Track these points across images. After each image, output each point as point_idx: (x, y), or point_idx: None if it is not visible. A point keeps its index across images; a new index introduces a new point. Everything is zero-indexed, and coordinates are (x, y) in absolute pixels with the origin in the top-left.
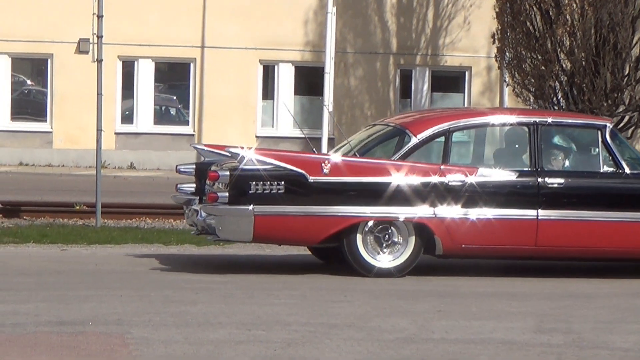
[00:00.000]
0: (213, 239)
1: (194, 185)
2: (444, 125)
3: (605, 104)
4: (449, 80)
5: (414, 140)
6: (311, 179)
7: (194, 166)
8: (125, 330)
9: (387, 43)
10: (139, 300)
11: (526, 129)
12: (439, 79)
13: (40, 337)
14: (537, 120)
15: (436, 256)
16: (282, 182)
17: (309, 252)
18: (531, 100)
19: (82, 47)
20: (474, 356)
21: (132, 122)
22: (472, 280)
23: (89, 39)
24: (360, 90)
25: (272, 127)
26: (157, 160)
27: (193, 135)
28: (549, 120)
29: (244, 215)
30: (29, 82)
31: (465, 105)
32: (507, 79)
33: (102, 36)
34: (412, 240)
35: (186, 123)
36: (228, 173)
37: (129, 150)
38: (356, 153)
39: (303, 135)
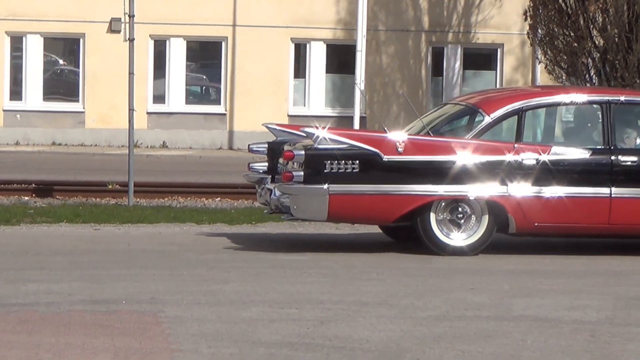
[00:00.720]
0: (287, 217)
1: (266, 164)
2: (516, 104)
3: (638, 81)
4: (481, 58)
5: (487, 119)
6: (386, 158)
7: (266, 145)
8: (159, 309)
9: (419, 20)
10: (171, 279)
11: (598, 107)
12: (471, 57)
13: (73, 316)
14: (610, 98)
15: (509, 234)
16: (357, 161)
17: (340, 231)
18: (563, 77)
19: (114, 26)
20: (507, 333)
21: (164, 102)
22: (504, 258)
23: (120, 18)
24: (392, 68)
25: (304, 105)
26: (189, 139)
27: (225, 114)
28: (622, 98)
29: (319, 195)
30: (61, 62)
31: (498, 83)
32: (539, 56)
33: (133, 15)
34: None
35: (218, 102)
36: (303, 152)
37: (161, 129)
38: (429, 132)
39: (335, 114)
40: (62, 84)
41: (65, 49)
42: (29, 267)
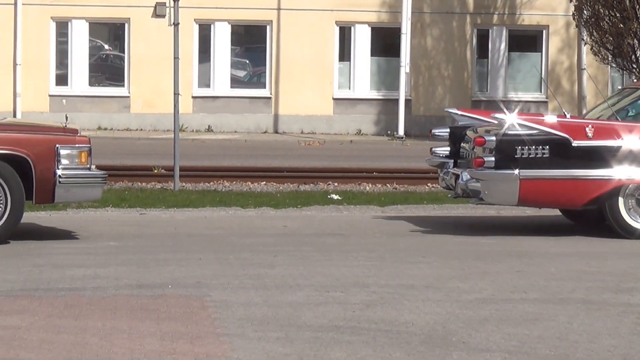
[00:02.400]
0: (476, 202)
1: (448, 148)
2: None
3: None
4: (526, 40)
5: None
6: (575, 143)
7: (448, 130)
8: (205, 293)
9: (464, 2)
10: (217, 263)
11: None
12: (516, 38)
13: (120, 301)
14: None
15: None
16: (547, 147)
17: (386, 213)
18: (609, 58)
19: (158, 10)
20: (553, 316)
21: (209, 86)
22: (550, 240)
23: (165, 2)
24: (437, 50)
25: (349, 88)
26: (234, 123)
27: (270, 98)
28: None
29: (510, 180)
30: (106, 47)
31: (543, 65)
32: (585, 38)
33: (178, 0)
34: None
35: (263, 86)
36: (494, 138)
37: (206, 113)
38: (617, 117)
39: (380, 97)
40: (108, 68)
41: (110, 34)
42: (75, 252)
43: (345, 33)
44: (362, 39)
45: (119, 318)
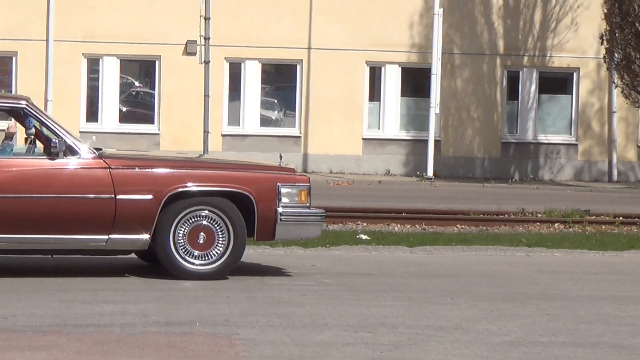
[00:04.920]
0: None
1: None
2: None
3: None
4: (557, 82)
5: None
6: None
7: None
8: (233, 331)
9: (494, 44)
10: (246, 301)
11: None
12: (547, 80)
13: (148, 338)
14: None
15: None
16: None
17: (409, 253)
18: None
19: (189, 48)
20: None
21: (238, 124)
22: (579, 283)
23: (196, 40)
24: (467, 91)
25: (378, 129)
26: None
27: (299, 137)
28: None
29: None
30: (136, 83)
31: (574, 107)
32: (615, 80)
33: (209, 38)
34: None
35: (292, 125)
36: None
37: (236, 151)
38: None
39: (409, 137)
40: (138, 105)
41: (140, 71)
42: (104, 288)
43: (375, 73)
44: (392, 79)
45: (147, 355)
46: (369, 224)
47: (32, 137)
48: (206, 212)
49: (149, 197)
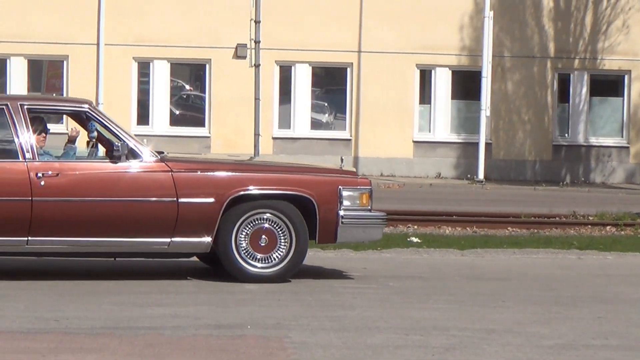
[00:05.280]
0: None
1: None
2: None
3: None
4: (608, 84)
5: None
6: None
7: None
8: (284, 334)
9: (544, 47)
10: (297, 304)
11: None
12: (598, 83)
13: (199, 340)
14: None
15: None
16: None
17: (460, 255)
18: None
19: (239, 52)
20: None
21: (289, 127)
22: (632, 286)
23: (246, 44)
24: (518, 94)
25: (429, 131)
26: None
27: (350, 140)
28: None
29: None
30: (187, 87)
31: (625, 110)
32: None
33: (259, 41)
34: None
35: (343, 128)
36: None
37: (287, 154)
38: None
39: (460, 140)
40: (188, 108)
41: (191, 75)
42: (155, 291)
43: (425, 76)
44: (442, 82)
45: (198, 358)
46: (419, 227)
47: (94, 140)
48: (268, 215)
49: (211, 200)
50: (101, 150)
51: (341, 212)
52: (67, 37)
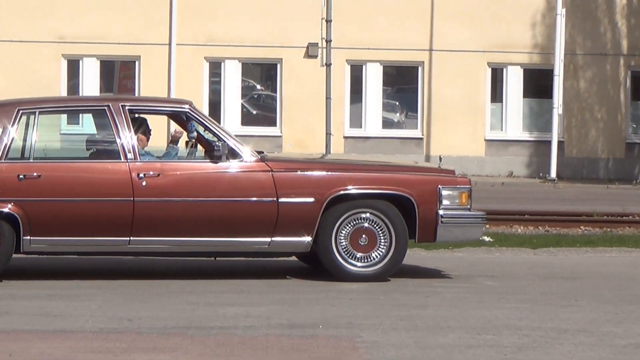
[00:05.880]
0: None
1: None
2: None
3: None
4: None
5: None
6: None
7: None
8: (355, 334)
9: (617, 44)
10: (369, 303)
11: None
12: None
13: (271, 340)
14: None
15: None
16: None
17: (532, 255)
18: None
19: (311, 51)
20: None
21: (360, 126)
22: None
23: (317, 43)
24: (590, 92)
25: (501, 130)
26: None
27: (421, 138)
28: None
29: None
30: (258, 86)
31: None
32: None
33: (330, 40)
34: None
35: (414, 126)
36: None
37: (358, 153)
38: None
39: (532, 139)
40: (260, 108)
41: (262, 74)
42: (227, 290)
43: (497, 74)
44: (514, 81)
45: (270, 358)
46: (492, 226)
47: (194, 140)
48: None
49: (311, 200)
50: (199, 150)
51: (441, 212)
52: (139, 38)
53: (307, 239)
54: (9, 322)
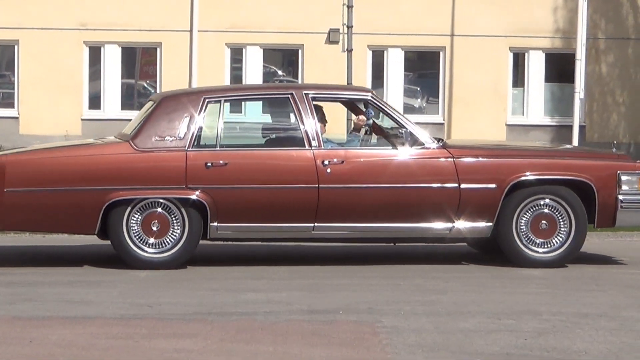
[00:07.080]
0: None
1: None
2: None
3: None
4: None
5: None
6: None
7: None
8: (376, 319)
9: (639, 28)
10: (389, 289)
11: None
12: None
13: (292, 325)
14: None
15: None
16: None
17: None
18: None
19: (332, 37)
20: None
21: None
22: None
23: (339, 29)
24: (612, 77)
25: (523, 115)
26: None
27: (442, 124)
28: None
29: None
30: (280, 72)
31: None
32: None
33: (352, 26)
34: None
35: (436, 112)
36: None
37: None
38: None
39: (554, 123)
40: None
41: (284, 60)
42: (248, 277)
43: (519, 59)
44: (536, 65)
45: (290, 343)
46: None
47: (370, 127)
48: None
49: (493, 186)
50: (374, 137)
51: (620, 197)
52: (161, 25)
53: (488, 224)
54: (30, 309)
